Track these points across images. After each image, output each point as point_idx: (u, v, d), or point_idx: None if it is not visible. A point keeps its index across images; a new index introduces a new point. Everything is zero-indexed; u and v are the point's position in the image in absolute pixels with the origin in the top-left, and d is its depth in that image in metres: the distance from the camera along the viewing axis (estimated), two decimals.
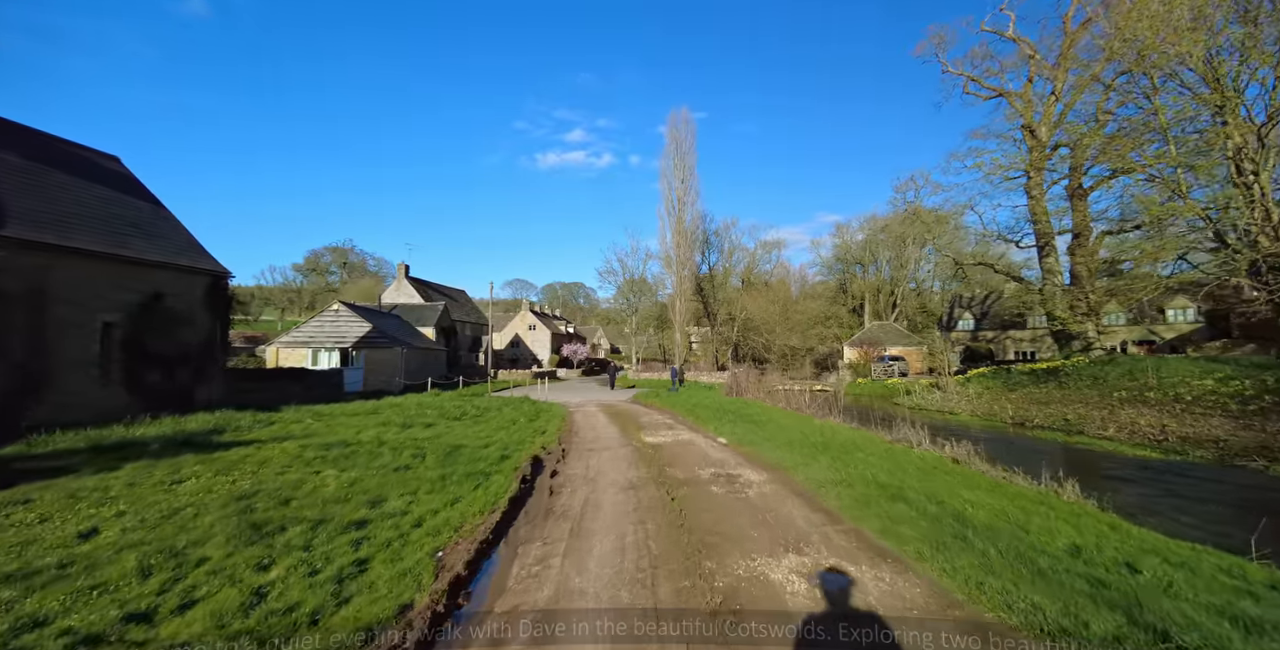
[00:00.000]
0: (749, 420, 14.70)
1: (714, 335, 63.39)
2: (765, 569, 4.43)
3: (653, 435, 12.82)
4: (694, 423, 15.42)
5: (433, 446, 10.98)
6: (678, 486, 7.43)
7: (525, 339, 71.31)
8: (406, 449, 10.71)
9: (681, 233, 52.05)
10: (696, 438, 12.34)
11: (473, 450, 10.67)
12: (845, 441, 10.90)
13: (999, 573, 4.10)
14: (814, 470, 8.04)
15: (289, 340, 30.06)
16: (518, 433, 13.26)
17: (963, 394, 26.23)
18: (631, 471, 8.63)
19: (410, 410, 18.57)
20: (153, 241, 16.26)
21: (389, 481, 8.03)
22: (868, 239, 74.00)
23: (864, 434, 12.37)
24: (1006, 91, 26.65)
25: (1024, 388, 24.09)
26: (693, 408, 18.63)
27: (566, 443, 12.18)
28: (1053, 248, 26.29)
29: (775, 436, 11.68)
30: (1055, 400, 21.24)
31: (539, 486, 7.84)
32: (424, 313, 43.79)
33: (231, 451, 10.36)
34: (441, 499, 7.14)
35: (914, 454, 9.83)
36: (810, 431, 12.40)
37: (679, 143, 51.46)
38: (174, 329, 16.14)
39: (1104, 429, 16.46)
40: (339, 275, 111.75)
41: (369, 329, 30.48)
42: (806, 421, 14.73)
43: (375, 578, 4.55)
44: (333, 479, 8.31)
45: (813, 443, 10.59)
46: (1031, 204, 26.34)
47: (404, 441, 11.66)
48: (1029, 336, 44.49)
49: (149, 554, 4.77)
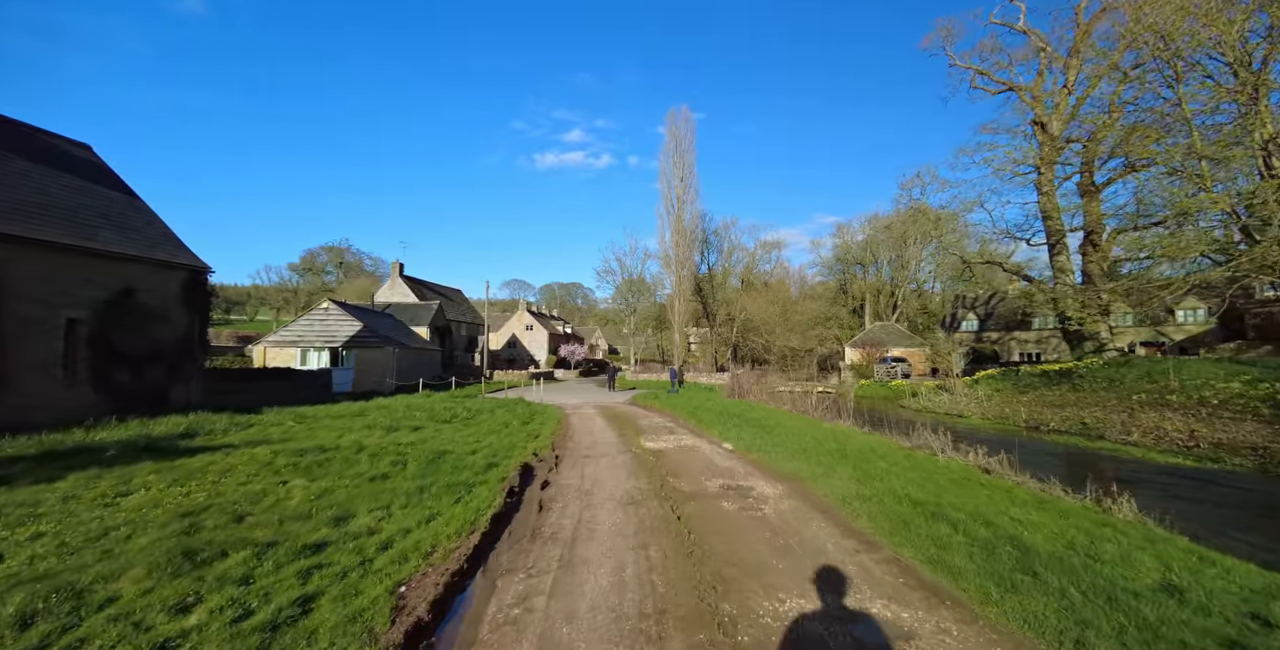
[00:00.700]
0: (755, 424, 13.86)
1: (713, 336, 62.59)
2: (798, 614, 3.59)
3: (653, 440, 11.98)
4: (696, 426, 14.58)
5: (416, 452, 10.14)
6: (683, 501, 6.59)
7: (522, 339, 70.44)
8: (387, 455, 9.88)
9: (681, 232, 51.27)
10: (700, 443, 11.50)
11: (458, 457, 9.83)
12: (862, 448, 10.08)
13: (1094, 624, 3.27)
14: (835, 482, 7.21)
15: (277, 339, 29.15)
16: (509, 437, 12.42)
17: (971, 396, 25.44)
18: (631, 482, 7.79)
19: (398, 412, 17.75)
20: (124, 234, 15.37)
21: (361, 493, 7.18)
22: (869, 239, 73.31)
23: (879, 439, 11.55)
24: (1017, 85, 25.90)
25: (1036, 390, 23.29)
26: (694, 410, 17.80)
27: (561, 448, 11.34)
28: (1064, 246, 25.52)
29: (785, 442, 10.85)
30: (1070, 403, 20.44)
31: (527, 500, 7.00)
32: (418, 312, 42.89)
33: (196, 458, 9.51)
34: (416, 515, 6.30)
35: (939, 463, 9.00)
36: (822, 437, 11.58)
37: (678, 140, 50.73)
38: (147, 326, 15.25)
39: (1127, 434, 15.65)
40: (335, 275, 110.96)
41: (359, 328, 29.59)
42: (816, 425, 13.90)
43: (318, 623, 3.70)
44: (299, 490, 7.47)
45: (828, 450, 9.76)
46: (1042, 200, 25.56)
47: (386, 447, 10.83)
48: (1034, 337, 43.74)
49: (42, 593, 3.90)
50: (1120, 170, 22.16)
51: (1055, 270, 25.68)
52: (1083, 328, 24.80)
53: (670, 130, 50.72)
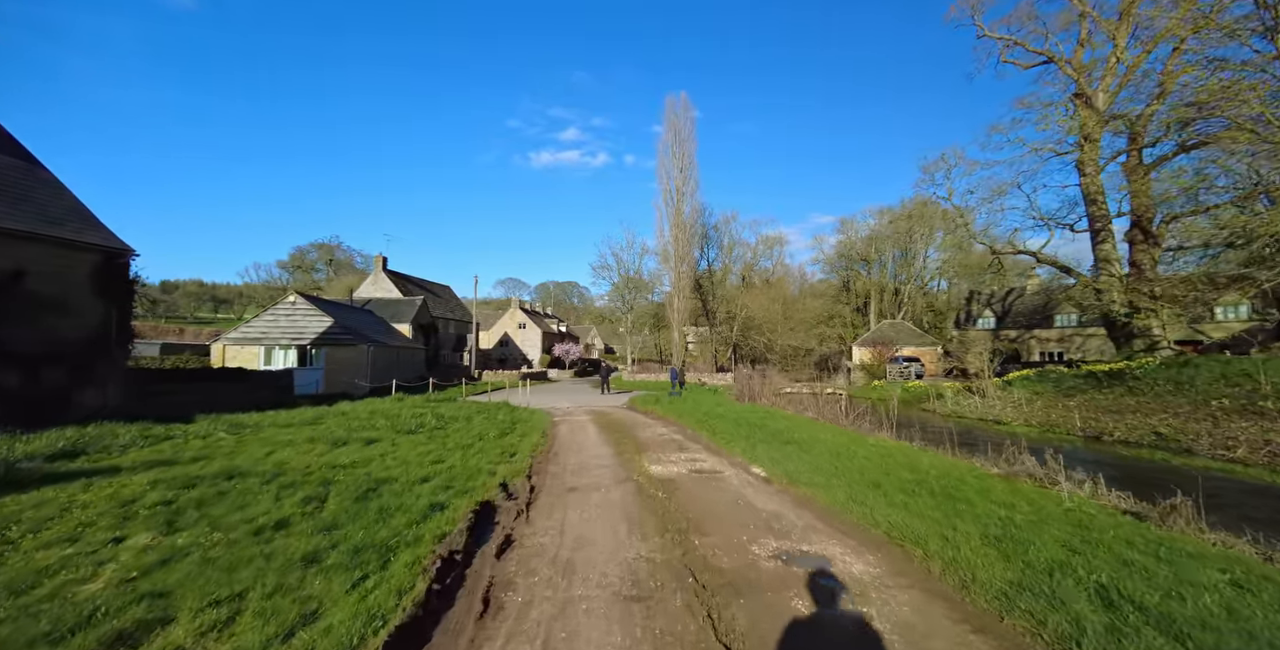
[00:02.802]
0: (783, 438, 11.25)
1: (712, 335, 60.06)
2: None
3: (660, 462, 9.35)
4: (710, 440, 11.98)
5: (347, 481, 7.54)
6: (726, 596, 3.96)
7: (515, 338, 67.72)
8: (307, 485, 7.28)
9: (680, 225, 48.66)
10: (722, 466, 8.89)
11: (401, 489, 7.21)
12: (943, 476, 7.47)
13: None
14: (960, 550, 4.60)
15: (238, 337, 26.38)
16: (477, 456, 9.79)
17: (1007, 399, 22.90)
18: (635, 544, 5.16)
19: (358, 420, 15.17)
20: (16, 207, 12.66)
21: (217, 564, 4.59)
22: (873, 234, 70.92)
23: (956, 463, 8.94)
24: (1056, 56, 23.35)
25: (1084, 393, 20.76)
26: (704, 418, 15.18)
27: (541, 472, 8.71)
28: (1109, 233, 23.01)
29: (835, 467, 8.24)
30: (1130, 409, 17.90)
31: (469, 587, 4.34)
32: (400, 308, 40.11)
33: (29, 494, 6.85)
34: (276, 623, 3.67)
35: (1070, 504, 6.36)
36: (878, 457, 8.98)
37: (677, 130, 48.11)
38: (42, 318, 12.55)
39: (1225, 449, 13.11)
40: (325, 272, 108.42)
41: (329, 324, 26.87)
42: (859, 441, 11.29)
43: None
44: (128, 557, 4.89)
45: (902, 482, 7.16)
46: (1085, 182, 23.04)
47: (314, 471, 8.23)
48: (1056, 335, 41.28)
49: None
50: (1186, 140, 19.52)
51: (1099, 260, 23.16)
52: (1131, 324, 22.30)
53: (669, 118, 48.10)
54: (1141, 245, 22.20)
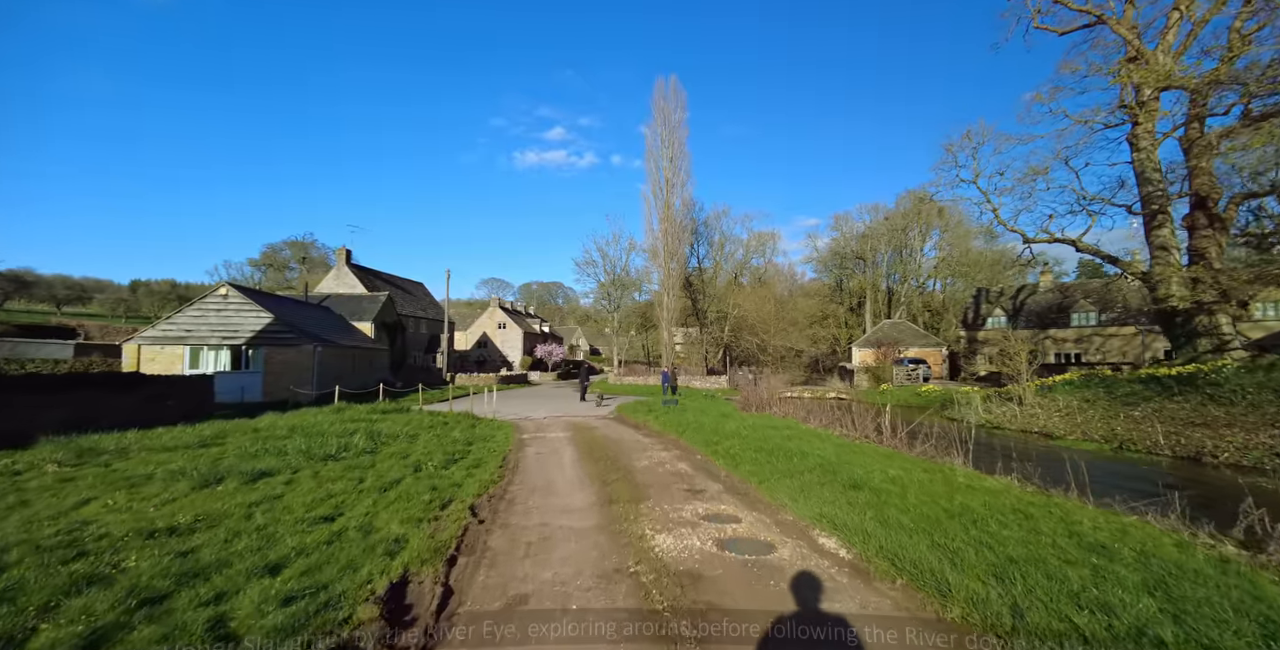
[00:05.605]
0: (836, 474, 7.94)
1: (703, 335, 56.84)
2: None
3: (669, 523, 5.97)
4: (731, 473, 8.66)
5: (123, 582, 4.10)
6: None
7: (494, 338, 64.01)
8: (36, 592, 3.81)
9: (670, 219, 45.45)
10: (767, 532, 5.56)
11: (195, 603, 3.75)
12: (1141, 555, 4.22)
13: None
14: None
15: (156, 335, 22.51)
16: (391, 509, 6.35)
17: (1051, 408, 19.88)
18: None
19: (271, 439, 11.71)
20: None
21: None
22: (869, 231, 68.43)
23: (1142, 525, 5.67)
24: (1105, 16, 20.46)
25: (1149, 401, 17.77)
26: (713, 437, 11.85)
27: (474, 547, 5.29)
28: (1167, 216, 20.12)
29: (952, 539, 4.96)
30: (1222, 421, 14.93)
31: None
32: (361, 305, 36.28)
33: None
34: None
35: None
36: (1003, 514, 5.72)
37: (666, 116, 44.95)
38: None
39: None
40: (299, 270, 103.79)
41: (269, 321, 23.12)
42: (943, 477, 8.02)
43: None
44: None
45: (1094, 577, 3.87)
46: (1139, 158, 20.13)
47: (96, 550, 4.81)
48: (1073, 336, 38.62)
49: None
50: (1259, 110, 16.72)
51: (1154, 247, 20.24)
52: (1193, 322, 19.44)
53: (657, 103, 44.93)
54: (1205, 230, 19.34)
